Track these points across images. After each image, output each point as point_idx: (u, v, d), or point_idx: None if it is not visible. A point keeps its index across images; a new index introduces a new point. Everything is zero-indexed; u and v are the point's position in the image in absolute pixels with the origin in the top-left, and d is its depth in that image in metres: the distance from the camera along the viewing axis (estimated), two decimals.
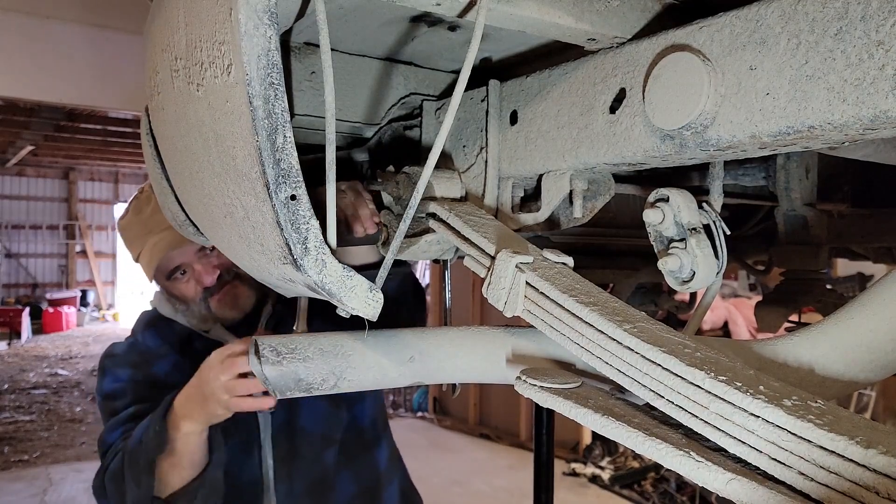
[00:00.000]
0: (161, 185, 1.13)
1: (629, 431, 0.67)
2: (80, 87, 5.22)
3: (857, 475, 0.52)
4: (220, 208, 0.86)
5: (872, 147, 1.00)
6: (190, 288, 1.65)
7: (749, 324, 7.26)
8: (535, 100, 0.98)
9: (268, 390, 0.95)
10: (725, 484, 0.59)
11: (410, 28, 1.01)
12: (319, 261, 0.73)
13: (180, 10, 0.81)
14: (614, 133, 0.85)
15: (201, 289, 1.64)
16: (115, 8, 5.10)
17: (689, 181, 1.37)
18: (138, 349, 1.71)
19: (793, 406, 0.58)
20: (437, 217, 0.99)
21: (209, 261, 1.66)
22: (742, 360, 0.69)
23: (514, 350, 1.03)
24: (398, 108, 1.20)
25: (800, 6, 0.66)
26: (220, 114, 0.74)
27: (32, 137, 10.81)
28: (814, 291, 1.69)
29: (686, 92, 0.74)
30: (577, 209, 0.97)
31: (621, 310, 0.75)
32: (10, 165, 13.79)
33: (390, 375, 1.01)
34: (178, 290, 1.66)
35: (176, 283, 1.66)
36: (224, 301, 1.65)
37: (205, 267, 1.65)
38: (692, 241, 0.84)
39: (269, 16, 0.66)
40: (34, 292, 15.46)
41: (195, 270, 1.65)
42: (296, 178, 0.70)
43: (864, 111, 0.61)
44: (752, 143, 0.72)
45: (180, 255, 1.63)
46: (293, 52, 1.08)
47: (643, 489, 5.53)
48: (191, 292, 1.65)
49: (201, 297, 1.65)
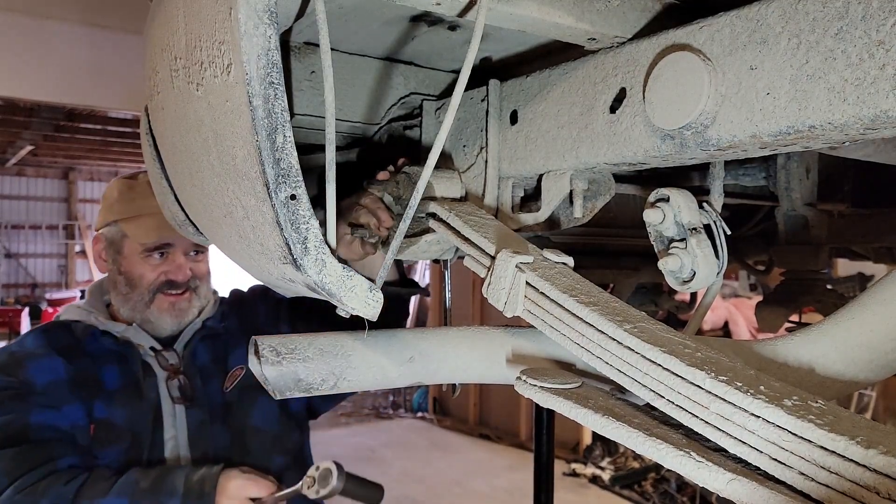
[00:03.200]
0: (160, 184, 1.13)
1: (629, 431, 0.67)
2: (79, 86, 5.22)
3: (857, 475, 0.52)
4: (219, 208, 0.86)
5: (873, 147, 1.00)
6: (154, 273, 1.61)
7: (749, 324, 7.26)
8: (535, 99, 0.98)
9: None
10: (726, 484, 0.59)
11: (410, 28, 1.01)
12: (319, 260, 0.73)
13: (180, 10, 0.81)
14: (614, 133, 0.85)
15: (162, 280, 1.61)
16: (114, 8, 5.10)
17: (690, 181, 1.37)
18: (11, 350, 1.60)
19: (793, 406, 0.58)
20: (438, 217, 0.99)
21: (190, 261, 1.64)
22: (742, 360, 0.69)
23: (515, 350, 1.03)
24: (398, 108, 1.20)
25: (800, 6, 0.66)
26: (220, 113, 0.74)
27: (32, 137, 10.81)
28: (814, 291, 1.69)
29: (686, 92, 0.73)
30: (578, 209, 0.97)
31: (621, 310, 0.75)
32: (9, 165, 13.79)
33: (390, 375, 1.01)
34: (138, 268, 1.61)
35: (145, 261, 1.60)
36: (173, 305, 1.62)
37: (186, 263, 1.63)
38: (692, 241, 0.84)
39: (269, 15, 0.66)
40: (34, 292, 15.45)
41: (175, 260, 1.62)
42: (295, 177, 0.70)
43: (865, 111, 0.61)
44: (752, 142, 0.72)
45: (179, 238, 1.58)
46: (293, 51, 1.07)
47: (643, 489, 5.53)
48: (151, 277, 1.60)
49: (152, 290, 1.60)
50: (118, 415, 1.54)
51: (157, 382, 1.60)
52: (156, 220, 1.57)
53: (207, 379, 1.65)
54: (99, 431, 1.51)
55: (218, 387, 1.66)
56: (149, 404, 1.57)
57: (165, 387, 1.59)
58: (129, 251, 1.62)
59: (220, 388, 1.66)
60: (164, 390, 1.59)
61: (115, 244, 1.64)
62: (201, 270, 1.69)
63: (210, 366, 1.68)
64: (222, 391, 1.66)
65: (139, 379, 1.58)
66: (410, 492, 5.75)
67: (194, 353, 1.66)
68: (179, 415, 1.59)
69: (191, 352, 1.66)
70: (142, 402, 1.56)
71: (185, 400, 1.59)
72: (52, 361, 1.54)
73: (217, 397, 1.65)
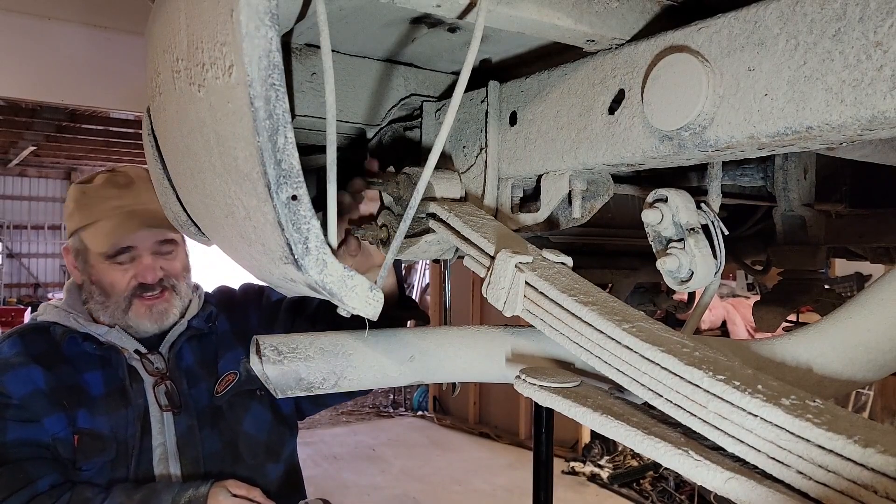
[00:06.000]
0: (163, 185, 1.13)
1: (628, 430, 0.68)
2: (81, 87, 5.22)
3: (855, 474, 0.52)
4: (221, 208, 0.86)
5: (870, 147, 1.00)
6: (124, 279, 1.53)
7: (747, 323, 7.26)
8: (534, 101, 0.98)
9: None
10: (724, 482, 0.59)
11: (411, 29, 1.01)
12: (320, 260, 0.73)
13: (181, 12, 0.82)
14: (613, 134, 0.85)
15: (134, 285, 1.53)
16: (116, 9, 5.10)
17: (688, 182, 1.38)
18: None
19: (791, 405, 0.58)
20: (437, 217, 0.99)
21: (158, 259, 1.56)
22: (740, 359, 0.69)
23: (514, 349, 1.04)
24: (398, 109, 1.20)
25: (798, 7, 0.66)
26: (222, 114, 0.74)
27: (34, 138, 10.80)
28: (812, 291, 1.69)
29: (684, 93, 0.74)
30: (576, 209, 0.97)
31: (620, 309, 0.76)
32: (11, 166, 13.78)
33: (391, 374, 1.02)
34: (108, 276, 1.53)
35: (112, 267, 1.53)
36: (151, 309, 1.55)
37: (153, 263, 1.54)
38: (690, 242, 0.85)
39: (271, 17, 0.67)
40: (36, 292, 15.45)
41: (142, 262, 1.54)
42: (297, 178, 0.70)
43: (862, 112, 0.62)
44: (750, 143, 0.72)
45: (139, 239, 1.52)
46: (294, 53, 1.08)
47: (642, 488, 5.54)
48: (122, 283, 1.53)
49: (128, 294, 1.53)
50: (103, 423, 1.48)
51: (144, 388, 1.54)
52: (110, 224, 1.52)
53: (194, 382, 1.60)
54: (83, 442, 1.45)
55: (205, 390, 1.60)
56: (136, 411, 1.51)
57: (153, 393, 1.53)
58: (95, 260, 1.55)
59: (207, 391, 1.60)
60: (152, 397, 1.53)
61: (81, 254, 1.58)
62: (174, 268, 1.59)
63: (196, 368, 1.62)
64: (210, 394, 1.60)
65: (125, 385, 1.52)
66: (410, 490, 5.75)
67: (180, 355, 1.61)
68: (168, 421, 1.54)
69: (176, 354, 1.60)
70: (128, 409, 1.51)
71: (173, 407, 1.54)
72: (30, 371, 1.47)
73: (204, 400, 1.59)
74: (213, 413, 1.59)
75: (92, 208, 1.56)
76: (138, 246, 1.54)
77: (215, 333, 1.69)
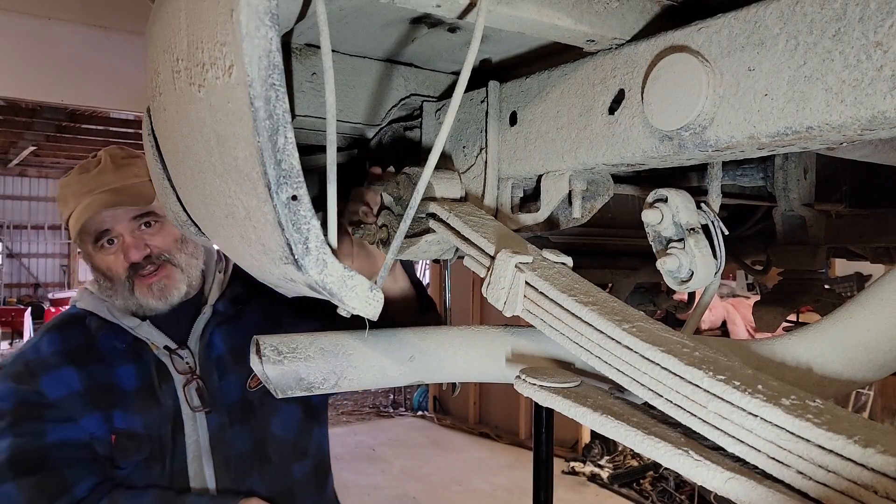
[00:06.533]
0: (163, 185, 1.14)
1: (628, 430, 0.68)
2: (81, 87, 5.22)
3: (855, 474, 0.52)
4: (221, 208, 0.87)
5: (870, 147, 1.00)
6: (117, 262, 1.51)
7: (747, 323, 7.27)
8: (534, 101, 0.98)
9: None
10: (724, 482, 0.59)
11: (411, 29, 1.01)
12: (320, 261, 0.73)
13: (181, 12, 0.82)
14: (613, 134, 0.85)
15: (127, 265, 1.51)
16: (116, 9, 5.11)
17: (688, 182, 1.38)
18: (26, 359, 1.52)
19: (791, 405, 0.58)
20: (437, 217, 0.99)
21: (141, 235, 1.52)
22: (740, 359, 0.69)
23: (514, 349, 1.04)
24: (398, 109, 1.20)
25: (798, 7, 0.66)
26: (222, 115, 0.74)
27: (34, 138, 10.82)
28: (812, 291, 1.69)
29: (684, 93, 0.74)
30: (576, 209, 0.97)
31: (620, 309, 0.76)
32: (12, 166, 13.80)
33: (391, 374, 1.02)
34: (103, 262, 1.53)
35: (102, 253, 1.52)
36: (151, 287, 1.51)
37: (136, 240, 1.51)
38: (690, 242, 0.85)
39: (270, 17, 0.67)
40: (36, 292, 15.47)
41: (125, 242, 1.51)
42: (297, 178, 0.70)
43: (862, 112, 0.62)
44: (750, 143, 0.72)
45: (112, 220, 1.50)
46: (294, 53, 1.08)
47: (642, 488, 5.54)
48: (117, 267, 1.51)
49: (126, 276, 1.51)
50: (137, 423, 1.49)
51: (174, 387, 1.54)
52: (78, 212, 1.50)
53: (225, 374, 1.58)
54: (120, 442, 1.48)
55: (237, 382, 1.58)
56: (167, 411, 1.52)
57: (183, 393, 1.53)
58: (87, 250, 1.56)
59: (239, 384, 1.59)
60: (183, 397, 1.53)
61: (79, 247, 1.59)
62: (162, 242, 1.54)
63: (227, 357, 1.59)
64: (243, 387, 1.59)
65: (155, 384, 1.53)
66: (410, 490, 5.76)
67: (210, 346, 1.59)
68: (200, 419, 1.54)
69: (206, 345, 1.58)
70: (161, 408, 1.52)
71: (204, 407, 1.54)
72: (66, 373, 1.49)
73: (236, 394, 1.58)
74: (243, 408, 1.58)
75: (67, 200, 1.56)
76: (114, 227, 1.51)
77: (246, 318, 1.65)
